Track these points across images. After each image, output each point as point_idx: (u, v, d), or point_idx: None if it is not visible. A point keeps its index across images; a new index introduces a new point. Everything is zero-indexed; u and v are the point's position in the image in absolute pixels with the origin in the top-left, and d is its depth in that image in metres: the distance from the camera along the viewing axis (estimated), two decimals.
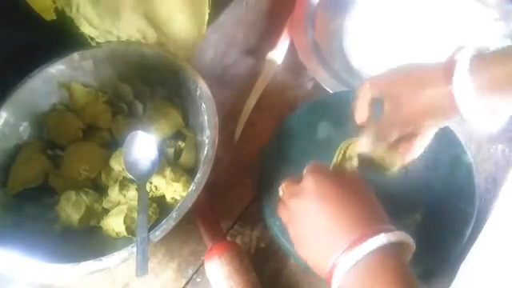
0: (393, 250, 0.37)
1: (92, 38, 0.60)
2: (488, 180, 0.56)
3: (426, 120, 0.46)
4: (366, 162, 0.50)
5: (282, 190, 0.46)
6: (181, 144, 0.58)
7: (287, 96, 0.66)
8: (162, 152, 0.57)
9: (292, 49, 0.69)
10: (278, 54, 0.69)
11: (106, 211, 0.55)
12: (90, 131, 0.60)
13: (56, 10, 0.57)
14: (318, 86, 0.64)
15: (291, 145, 0.58)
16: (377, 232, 0.37)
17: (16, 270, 0.46)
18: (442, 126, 0.48)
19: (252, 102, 0.65)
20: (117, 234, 0.53)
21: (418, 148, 0.49)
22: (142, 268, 0.44)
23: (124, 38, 0.62)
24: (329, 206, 0.40)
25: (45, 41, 0.58)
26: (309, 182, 0.43)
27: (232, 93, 0.67)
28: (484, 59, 0.40)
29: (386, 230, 0.37)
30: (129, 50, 0.60)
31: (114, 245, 0.52)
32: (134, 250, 0.45)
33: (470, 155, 0.55)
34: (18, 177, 0.55)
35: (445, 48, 0.64)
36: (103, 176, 0.57)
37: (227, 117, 0.59)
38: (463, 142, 0.55)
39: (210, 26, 0.69)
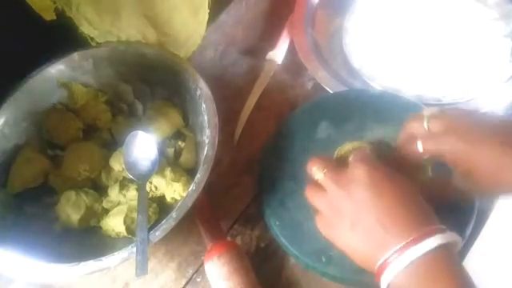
0: (446, 250, 0.37)
1: (92, 38, 0.60)
2: None
3: (496, 192, 0.43)
4: None
5: (321, 171, 0.43)
6: (181, 144, 0.58)
7: (287, 96, 0.66)
8: (161, 152, 0.57)
9: (292, 49, 0.69)
10: (278, 53, 0.69)
11: (106, 211, 0.55)
12: (89, 131, 0.61)
13: (56, 10, 0.57)
14: (317, 86, 0.64)
15: (291, 144, 0.58)
16: (432, 233, 0.36)
17: (16, 270, 0.46)
18: None
19: (252, 101, 0.65)
20: (117, 234, 0.53)
21: None
22: (141, 268, 0.44)
23: (124, 38, 0.62)
24: (383, 201, 0.39)
25: (45, 41, 0.58)
26: (359, 172, 0.40)
27: (232, 93, 0.67)
28: None
29: (440, 231, 0.37)
30: (129, 49, 0.60)
31: (114, 245, 0.52)
32: (134, 250, 0.45)
33: None
34: (18, 177, 0.55)
35: (445, 47, 0.64)
36: (103, 176, 0.57)
37: (227, 117, 0.59)
38: None
39: (209, 26, 0.69)
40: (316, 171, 0.44)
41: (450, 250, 0.37)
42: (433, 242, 0.36)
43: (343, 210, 0.41)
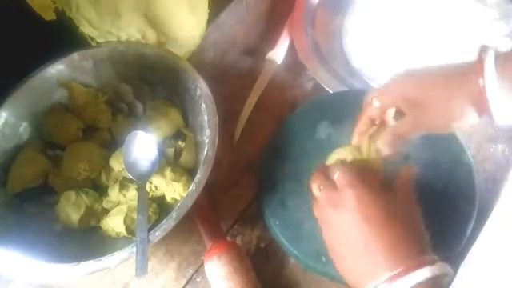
0: (435, 282, 0.36)
1: (92, 38, 0.60)
2: (488, 180, 0.56)
3: (453, 123, 0.43)
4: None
5: (318, 188, 0.44)
6: (181, 144, 0.58)
7: (287, 96, 0.66)
8: (161, 152, 0.57)
9: (292, 49, 0.69)
10: (278, 53, 0.69)
11: (106, 211, 0.55)
12: (89, 131, 0.61)
13: (56, 10, 0.57)
14: (317, 86, 0.64)
15: (291, 144, 0.58)
16: (421, 265, 0.36)
17: (16, 270, 0.46)
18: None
19: (252, 101, 0.65)
20: (117, 234, 0.53)
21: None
22: (141, 268, 0.44)
23: (124, 38, 0.62)
24: (371, 228, 0.38)
25: (45, 41, 0.58)
26: (349, 196, 0.40)
27: (232, 93, 0.67)
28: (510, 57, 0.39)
29: (431, 263, 0.37)
30: (129, 50, 0.60)
31: (114, 245, 0.52)
32: (134, 249, 0.45)
33: (470, 155, 0.55)
34: (18, 177, 0.55)
35: (444, 47, 0.64)
36: (103, 176, 0.57)
37: (227, 117, 0.59)
38: (463, 142, 0.55)
39: (209, 26, 0.69)
40: (314, 187, 0.45)
41: (439, 282, 0.37)
42: (421, 274, 0.36)
43: (335, 228, 0.41)
